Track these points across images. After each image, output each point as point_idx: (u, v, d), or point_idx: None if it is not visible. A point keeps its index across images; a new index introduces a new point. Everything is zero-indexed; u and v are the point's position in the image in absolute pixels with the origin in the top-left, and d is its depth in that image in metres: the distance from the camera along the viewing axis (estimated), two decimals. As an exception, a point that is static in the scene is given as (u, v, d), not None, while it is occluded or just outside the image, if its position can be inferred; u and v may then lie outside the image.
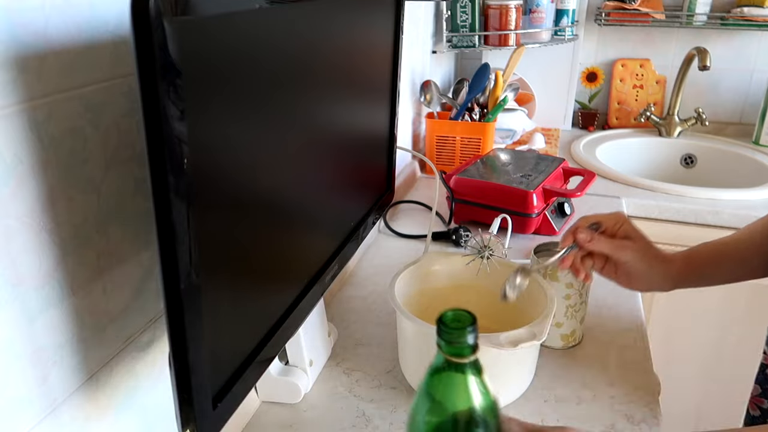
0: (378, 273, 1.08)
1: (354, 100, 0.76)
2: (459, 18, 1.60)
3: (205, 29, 0.41)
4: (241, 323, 0.54)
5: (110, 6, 0.50)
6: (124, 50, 0.51)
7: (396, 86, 0.91)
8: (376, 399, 0.77)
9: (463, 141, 1.49)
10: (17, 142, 0.42)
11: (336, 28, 0.67)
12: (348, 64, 0.72)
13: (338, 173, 0.74)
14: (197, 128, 0.41)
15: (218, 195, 0.47)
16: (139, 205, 0.55)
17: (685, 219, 1.42)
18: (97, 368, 0.52)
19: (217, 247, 0.47)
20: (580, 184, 1.21)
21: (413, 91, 1.48)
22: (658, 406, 0.76)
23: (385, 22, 0.84)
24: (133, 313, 0.56)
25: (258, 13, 0.48)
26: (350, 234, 0.81)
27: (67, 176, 0.47)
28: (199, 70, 0.41)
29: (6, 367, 0.43)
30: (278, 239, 0.60)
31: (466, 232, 1.17)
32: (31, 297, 0.44)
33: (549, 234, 1.20)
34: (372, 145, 0.88)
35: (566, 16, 1.70)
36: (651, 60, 1.88)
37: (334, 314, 0.95)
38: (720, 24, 1.73)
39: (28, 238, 0.44)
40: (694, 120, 1.79)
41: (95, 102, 0.49)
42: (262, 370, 0.58)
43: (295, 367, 0.78)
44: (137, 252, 0.56)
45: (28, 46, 0.42)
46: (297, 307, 0.64)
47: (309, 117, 0.62)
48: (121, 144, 0.52)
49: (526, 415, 0.74)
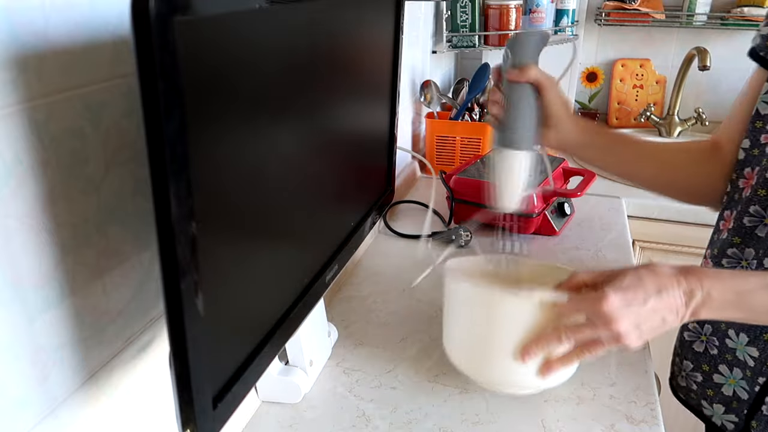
0: (378, 273, 1.08)
1: (354, 100, 0.76)
2: (459, 18, 1.60)
3: (205, 29, 0.41)
4: (242, 323, 0.54)
5: (110, 6, 0.50)
6: (124, 50, 0.51)
7: (396, 86, 0.91)
8: (376, 399, 0.77)
9: (463, 141, 1.49)
10: (17, 142, 0.42)
11: (336, 28, 0.67)
12: (348, 64, 0.72)
13: (338, 173, 0.74)
14: (197, 128, 0.41)
15: (218, 195, 0.47)
16: (139, 205, 0.55)
17: (685, 219, 1.42)
18: (97, 368, 0.52)
19: (217, 247, 0.47)
20: (580, 184, 1.21)
21: (413, 91, 1.48)
22: (658, 406, 0.76)
23: (385, 22, 0.84)
24: (133, 313, 0.56)
25: (258, 13, 0.48)
26: (350, 234, 0.81)
27: (67, 176, 0.47)
28: (199, 70, 0.41)
29: (6, 367, 0.43)
30: (278, 239, 0.60)
31: (466, 232, 1.17)
32: (31, 297, 0.44)
33: (549, 234, 1.20)
34: (372, 145, 0.88)
35: (566, 16, 1.70)
36: (651, 60, 1.88)
37: (334, 314, 0.95)
38: (720, 24, 1.73)
39: (28, 238, 0.44)
40: (694, 120, 1.79)
41: (95, 102, 0.49)
42: (262, 370, 0.58)
43: (295, 367, 0.78)
44: (137, 252, 0.56)
45: (28, 46, 0.42)
46: (297, 306, 0.64)
47: (309, 116, 0.62)
48: (121, 144, 0.52)
49: (525, 415, 0.74)
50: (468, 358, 0.73)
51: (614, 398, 0.77)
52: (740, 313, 0.63)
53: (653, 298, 0.60)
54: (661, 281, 0.61)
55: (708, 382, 0.84)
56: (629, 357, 0.85)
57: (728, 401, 0.82)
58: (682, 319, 0.62)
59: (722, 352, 0.82)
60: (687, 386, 0.89)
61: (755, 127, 0.77)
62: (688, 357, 0.87)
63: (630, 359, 0.84)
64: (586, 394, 0.78)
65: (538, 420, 0.73)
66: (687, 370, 0.88)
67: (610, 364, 0.83)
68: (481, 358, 0.71)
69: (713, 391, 0.84)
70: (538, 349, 0.65)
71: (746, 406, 0.80)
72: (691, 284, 0.61)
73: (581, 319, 0.63)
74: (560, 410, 0.75)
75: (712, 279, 0.62)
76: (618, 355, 0.85)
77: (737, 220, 0.78)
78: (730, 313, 0.63)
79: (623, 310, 0.59)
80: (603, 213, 1.33)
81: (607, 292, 0.60)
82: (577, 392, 0.78)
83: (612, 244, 1.18)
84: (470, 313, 0.71)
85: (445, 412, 0.75)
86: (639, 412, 0.75)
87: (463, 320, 0.73)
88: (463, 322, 0.73)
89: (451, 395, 0.78)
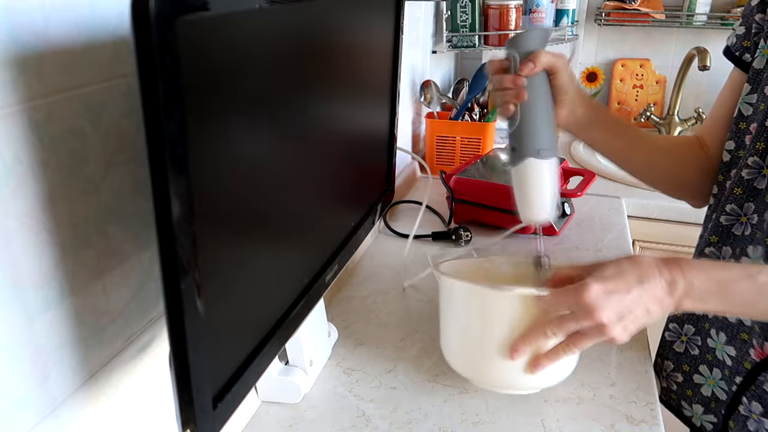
0: (378, 273, 1.08)
1: (354, 100, 0.76)
2: (459, 18, 1.60)
3: (205, 29, 0.41)
4: (242, 323, 0.54)
5: (110, 6, 0.50)
6: (124, 50, 0.51)
7: (396, 86, 0.91)
8: (376, 399, 0.77)
9: (463, 141, 1.49)
10: (17, 142, 0.42)
11: (336, 28, 0.67)
12: (348, 64, 0.72)
13: (338, 173, 0.74)
14: (197, 128, 0.41)
15: (218, 195, 0.47)
16: (139, 205, 0.55)
17: (685, 219, 1.42)
18: (97, 368, 0.52)
19: (217, 247, 0.47)
20: (580, 184, 1.21)
21: (413, 91, 1.48)
22: (658, 406, 0.76)
23: (385, 22, 0.84)
24: (133, 313, 0.56)
25: (258, 13, 0.48)
26: (350, 234, 0.81)
27: (67, 176, 0.47)
28: (199, 70, 0.41)
29: (6, 367, 0.43)
30: (278, 239, 0.60)
31: (466, 232, 1.17)
32: (31, 297, 0.44)
33: (549, 234, 1.20)
34: (372, 145, 0.88)
35: (566, 16, 1.70)
36: (651, 60, 1.88)
37: (334, 314, 0.95)
38: (720, 24, 1.73)
39: (28, 238, 0.44)
40: (694, 120, 1.79)
41: (95, 102, 0.49)
42: (262, 370, 0.58)
43: (295, 367, 0.78)
44: (137, 252, 0.56)
45: (28, 46, 0.42)
46: (297, 306, 0.64)
47: (309, 116, 0.62)
48: (121, 144, 0.52)
49: (525, 415, 0.74)
50: (463, 360, 0.73)
51: (614, 398, 0.77)
52: (722, 304, 0.62)
53: (635, 287, 0.59)
54: (643, 271, 0.60)
55: (688, 382, 0.84)
56: (629, 357, 0.85)
57: (707, 401, 0.82)
58: (666, 309, 0.61)
59: (703, 352, 0.82)
60: (668, 387, 0.89)
61: (739, 128, 0.77)
62: (669, 357, 0.87)
63: (630, 359, 0.84)
64: (586, 394, 0.78)
65: (538, 420, 0.73)
66: (668, 370, 0.88)
67: (610, 364, 0.83)
68: (475, 359, 0.71)
69: (692, 391, 0.84)
70: (526, 346, 0.64)
71: (724, 406, 0.80)
72: (673, 274, 0.60)
73: (566, 313, 0.63)
74: (560, 410, 0.75)
75: (694, 269, 0.61)
76: (618, 355, 0.85)
77: (715, 220, 0.79)
78: (712, 303, 0.62)
79: (605, 300, 0.59)
80: (603, 213, 1.33)
81: (588, 281, 0.59)
82: (577, 392, 0.78)
83: (612, 244, 1.18)
84: (459, 312, 0.71)
85: (445, 412, 0.75)
86: (639, 412, 0.75)
87: (454, 321, 0.73)
88: (455, 324, 0.73)
89: (451, 395, 0.78)
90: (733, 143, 0.78)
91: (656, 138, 0.90)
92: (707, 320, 0.82)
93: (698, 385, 0.83)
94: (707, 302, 0.61)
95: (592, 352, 0.86)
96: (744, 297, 0.61)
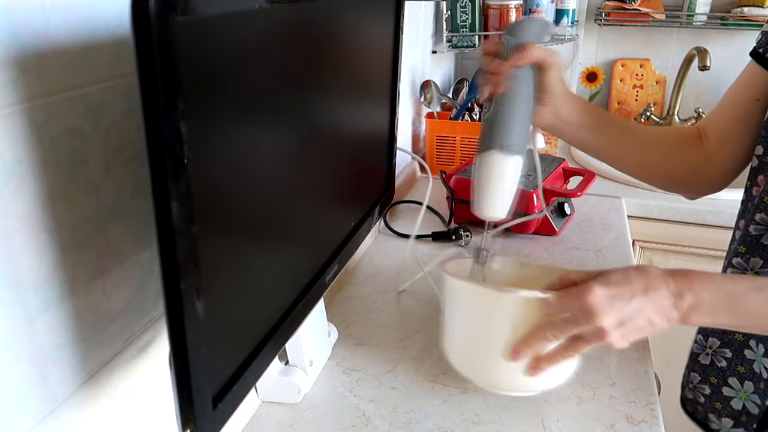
0: (378, 273, 1.08)
1: (354, 100, 0.76)
2: (459, 18, 1.60)
3: (205, 29, 0.41)
4: (242, 323, 0.54)
5: (110, 6, 0.50)
6: (124, 50, 0.51)
7: (396, 86, 0.91)
8: (376, 399, 0.77)
9: (463, 141, 1.49)
10: (17, 142, 0.42)
11: (336, 28, 0.67)
12: (348, 64, 0.72)
13: (338, 173, 0.74)
14: (197, 128, 0.41)
15: (218, 195, 0.47)
16: (139, 205, 0.55)
17: (685, 219, 1.42)
18: (97, 368, 0.52)
19: (217, 247, 0.47)
20: (580, 184, 1.21)
21: (413, 91, 1.48)
22: (658, 406, 0.76)
23: (385, 22, 0.84)
24: (133, 313, 0.56)
25: (258, 13, 0.48)
26: (350, 234, 0.81)
27: (67, 176, 0.47)
28: (199, 70, 0.41)
29: (6, 367, 0.43)
30: (278, 239, 0.60)
31: (466, 232, 1.17)
32: (31, 297, 0.44)
33: (549, 234, 1.20)
34: (372, 145, 0.88)
35: (566, 16, 1.70)
36: (651, 60, 1.88)
37: (334, 314, 0.95)
38: (720, 24, 1.73)
39: (28, 238, 0.44)
40: (694, 120, 1.79)
41: (95, 102, 0.49)
42: (262, 370, 0.58)
43: (295, 367, 0.78)
44: (137, 252, 0.56)
45: (28, 46, 0.42)
46: (297, 306, 0.64)
47: (309, 117, 0.62)
48: (121, 144, 0.52)
49: (525, 415, 0.74)
50: (464, 360, 0.73)
51: (614, 398, 0.77)
52: (733, 318, 0.61)
53: (639, 296, 0.59)
54: (649, 281, 0.59)
55: (717, 395, 0.82)
56: (629, 357, 0.85)
57: (737, 415, 0.80)
58: (672, 322, 0.60)
59: (733, 364, 0.80)
60: (694, 398, 0.87)
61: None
62: (696, 369, 0.86)
63: (630, 359, 0.84)
64: (586, 394, 0.78)
65: (538, 420, 0.73)
66: (695, 382, 0.86)
67: (610, 364, 0.83)
68: (476, 359, 0.71)
69: (722, 404, 0.82)
70: (527, 348, 0.64)
71: (756, 420, 0.78)
72: (679, 286, 0.59)
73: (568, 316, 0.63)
74: (560, 410, 0.75)
75: (702, 281, 0.60)
76: (618, 355, 0.85)
77: (744, 229, 0.76)
78: (722, 317, 0.60)
79: (607, 305, 0.58)
80: (603, 213, 1.33)
81: (591, 285, 0.59)
82: (577, 392, 0.78)
83: (612, 244, 1.18)
84: (462, 313, 0.71)
85: (445, 412, 0.75)
86: (639, 412, 0.75)
87: (456, 322, 0.73)
88: (457, 324, 0.73)
89: (451, 395, 0.78)
90: (762, 148, 0.75)
91: (645, 133, 0.87)
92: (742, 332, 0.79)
93: (728, 398, 0.80)
94: (717, 316, 0.60)
95: (593, 353, 0.86)
96: (755, 310, 0.60)
